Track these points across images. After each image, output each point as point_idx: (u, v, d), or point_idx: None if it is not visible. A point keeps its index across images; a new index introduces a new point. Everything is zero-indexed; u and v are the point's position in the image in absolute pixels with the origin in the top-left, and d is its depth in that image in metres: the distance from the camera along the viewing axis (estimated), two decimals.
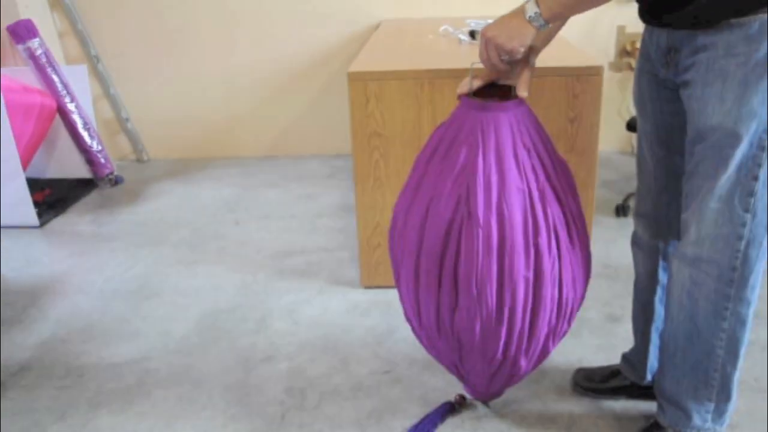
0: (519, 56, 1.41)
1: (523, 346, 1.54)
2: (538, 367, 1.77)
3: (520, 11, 1.37)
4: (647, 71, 1.53)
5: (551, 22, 1.37)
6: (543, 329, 1.52)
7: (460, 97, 1.50)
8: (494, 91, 1.53)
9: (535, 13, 1.34)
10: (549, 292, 1.47)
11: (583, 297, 1.61)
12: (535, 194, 1.44)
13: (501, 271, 1.44)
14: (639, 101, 1.59)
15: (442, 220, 1.46)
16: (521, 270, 1.43)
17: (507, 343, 1.53)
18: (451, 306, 1.51)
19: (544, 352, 1.60)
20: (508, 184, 1.41)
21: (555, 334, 1.57)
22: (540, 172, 1.46)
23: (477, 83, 1.52)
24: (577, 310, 1.61)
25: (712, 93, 1.31)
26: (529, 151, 1.45)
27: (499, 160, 1.42)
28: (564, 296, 1.51)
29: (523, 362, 1.58)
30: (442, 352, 1.64)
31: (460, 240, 1.44)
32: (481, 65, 1.47)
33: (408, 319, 1.67)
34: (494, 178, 1.41)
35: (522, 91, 1.46)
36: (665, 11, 1.37)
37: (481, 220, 1.41)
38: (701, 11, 1.29)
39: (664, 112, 1.52)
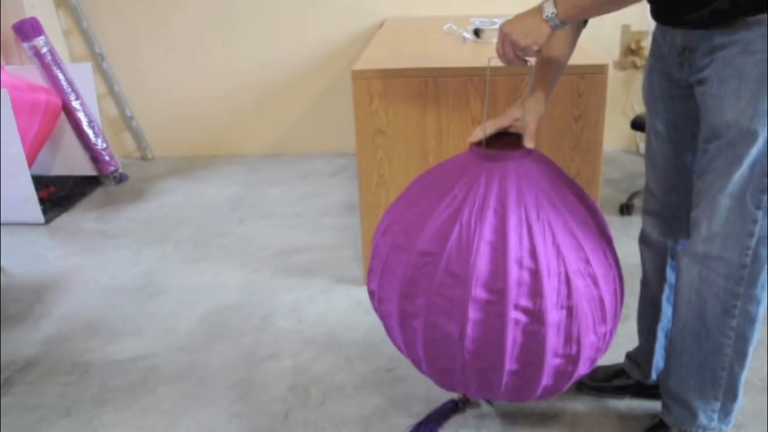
0: (533, 55, 1.41)
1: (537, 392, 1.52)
2: None
3: (538, 10, 1.36)
4: (659, 69, 1.52)
5: (567, 23, 1.36)
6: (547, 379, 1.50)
7: (470, 146, 1.51)
8: (504, 139, 1.55)
9: (552, 13, 1.34)
10: (552, 343, 1.43)
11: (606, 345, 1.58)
12: (541, 253, 1.38)
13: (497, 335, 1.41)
14: (650, 99, 1.58)
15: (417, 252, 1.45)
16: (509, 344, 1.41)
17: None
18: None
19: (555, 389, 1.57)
20: (509, 248, 1.39)
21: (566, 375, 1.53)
22: (544, 230, 1.41)
23: (489, 131, 1.53)
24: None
25: (728, 90, 1.30)
26: (536, 208, 1.42)
27: (502, 219, 1.40)
28: (581, 344, 1.47)
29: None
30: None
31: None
32: (498, 61, 1.47)
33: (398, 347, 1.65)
34: (490, 236, 1.40)
35: (528, 143, 1.48)
36: (681, 11, 1.36)
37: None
38: (718, 10, 1.28)
39: (676, 110, 1.51)
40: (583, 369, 1.48)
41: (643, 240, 1.73)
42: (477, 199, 1.41)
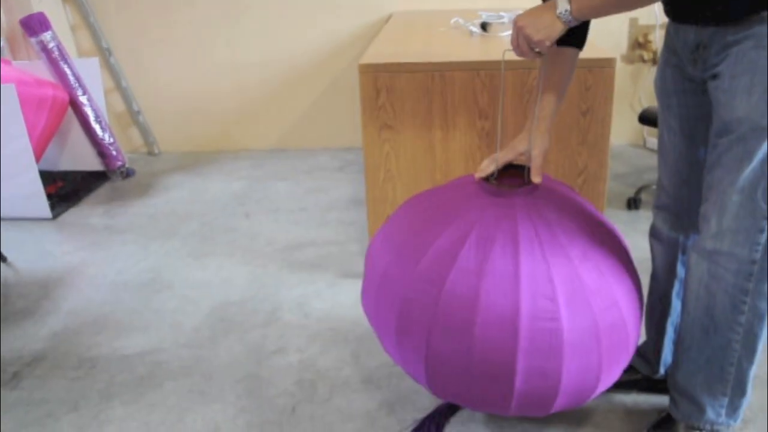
0: (545, 50, 1.40)
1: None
2: None
3: (552, 6, 1.35)
4: (673, 64, 1.51)
5: (580, 20, 1.36)
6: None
7: (478, 181, 1.52)
8: (510, 171, 1.55)
9: (566, 10, 1.34)
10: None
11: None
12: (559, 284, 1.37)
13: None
14: (663, 93, 1.57)
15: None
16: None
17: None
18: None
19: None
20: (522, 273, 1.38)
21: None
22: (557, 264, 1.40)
23: (493, 168, 1.53)
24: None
25: (740, 85, 1.29)
26: (550, 240, 1.41)
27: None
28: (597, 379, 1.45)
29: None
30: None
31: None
32: (513, 54, 1.47)
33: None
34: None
35: (535, 177, 1.49)
36: (694, 8, 1.35)
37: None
38: (731, 6, 1.27)
39: (689, 104, 1.50)
40: (601, 390, 1.47)
41: (654, 234, 1.73)
42: (484, 231, 1.40)
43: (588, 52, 2.19)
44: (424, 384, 1.51)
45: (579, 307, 1.34)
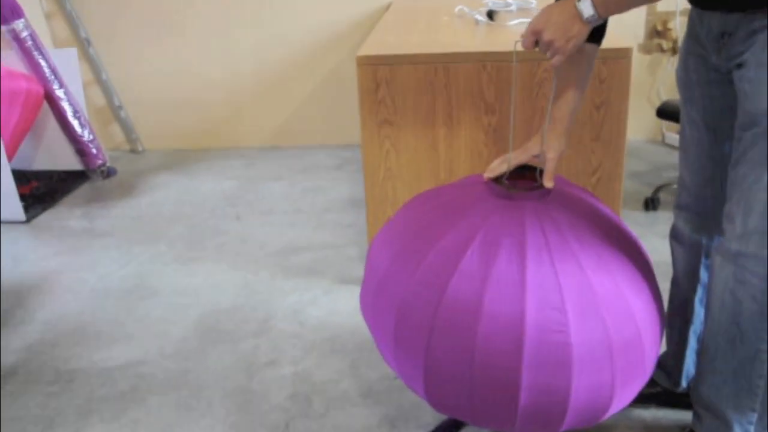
0: (567, 55, 1.39)
1: None
2: None
3: (571, 4, 1.34)
4: (696, 53, 1.51)
5: (606, 18, 1.36)
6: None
7: (486, 181, 1.52)
8: (522, 173, 1.55)
9: (591, 11, 1.33)
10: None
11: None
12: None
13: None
14: (685, 84, 1.57)
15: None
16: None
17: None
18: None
19: None
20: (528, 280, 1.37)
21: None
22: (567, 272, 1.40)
23: (503, 169, 1.53)
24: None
25: (766, 75, 1.29)
26: (560, 248, 1.40)
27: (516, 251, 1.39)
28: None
29: None
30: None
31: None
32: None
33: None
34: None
35: (548, 182, 1.48)
36: None
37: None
38: None
39: (714, 96, 1.50)
40: (615, 410, 1.47)
41: (675, 236, 1.72)
42: (490, 235, 1.40)
43: (603, 41, 2.19)
44: (422, 396, 1.51)
45: (590, 320, 1.34)
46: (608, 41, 2.17)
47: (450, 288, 1.38)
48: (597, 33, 1.50)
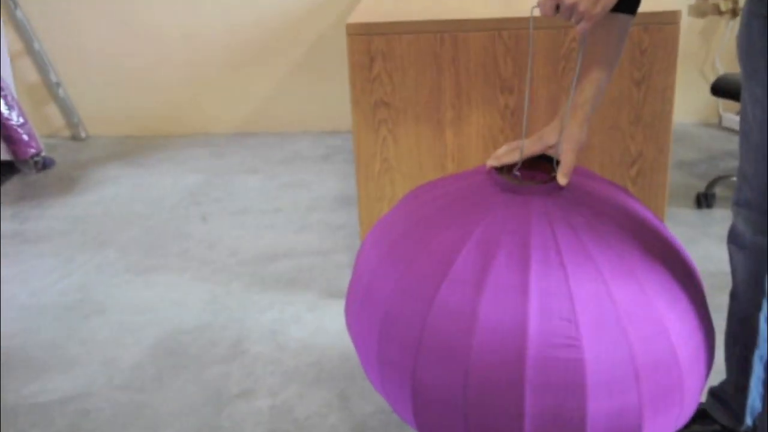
0: (593, 22, 1.39)
1: None
2: None
3: None
4: (762, 15, 1.50)
5: None
6: None
7: (489, 170, 1.52)
8: (535, 162, 1.55)
9: None
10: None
11: None
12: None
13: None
14: (748, 55, 1.56)
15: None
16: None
17: None
18: None
19: None
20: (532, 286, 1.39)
21: None
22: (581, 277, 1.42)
23: (513, 159, 1.53)
24: None
25: None
26: (572, 249, 1.41)
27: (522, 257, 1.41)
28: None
29: None
30: None
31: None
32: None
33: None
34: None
35: (562, 178, 1.47)
36: None
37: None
38: None
39: None
40: None
41: (733, 239, 1.72)
42: (488, 234, 1.41)
43: (643, 3, 2.20)
44: (412, 426, 1.52)
45: (608, 333, 1.35)
46: (651, 3, 2.19)
47: (440, 296, 1.39)
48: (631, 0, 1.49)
